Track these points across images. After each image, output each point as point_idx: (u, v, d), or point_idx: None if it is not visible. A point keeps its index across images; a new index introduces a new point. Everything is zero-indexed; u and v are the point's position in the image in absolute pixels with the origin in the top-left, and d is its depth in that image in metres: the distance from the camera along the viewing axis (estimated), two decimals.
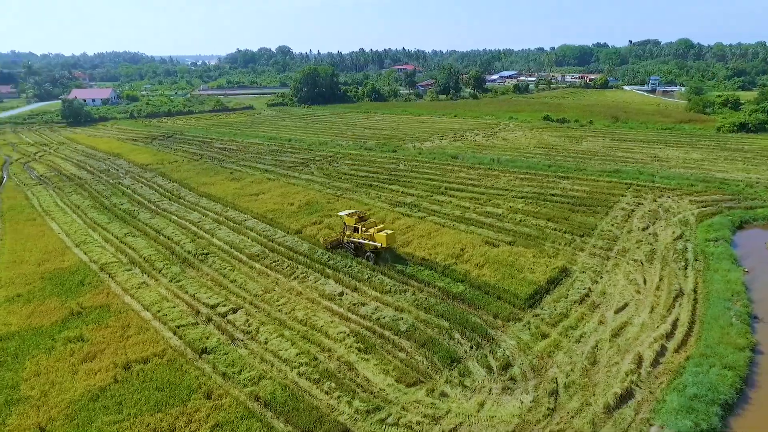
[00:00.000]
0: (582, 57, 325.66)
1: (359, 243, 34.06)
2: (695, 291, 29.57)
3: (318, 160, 67.18)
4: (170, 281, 31.42)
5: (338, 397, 20.71)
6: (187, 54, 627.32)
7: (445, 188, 51.76)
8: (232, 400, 20.03)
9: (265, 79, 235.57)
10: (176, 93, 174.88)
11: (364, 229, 33.98)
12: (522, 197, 48.10)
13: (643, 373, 22.16)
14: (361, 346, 24.07)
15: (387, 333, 25.44)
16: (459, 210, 44.49)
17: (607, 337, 24.90)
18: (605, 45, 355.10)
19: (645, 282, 30.86)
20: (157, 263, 33.96)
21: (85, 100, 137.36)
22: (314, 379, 21.74)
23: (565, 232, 38.93)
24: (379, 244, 33.22)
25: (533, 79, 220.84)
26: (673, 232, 38.76)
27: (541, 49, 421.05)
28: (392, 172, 59.01)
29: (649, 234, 38.59)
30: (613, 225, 40.48)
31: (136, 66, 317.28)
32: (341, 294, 29.57)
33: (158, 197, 50.73)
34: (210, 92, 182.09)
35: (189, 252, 35.96)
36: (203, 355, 23.61)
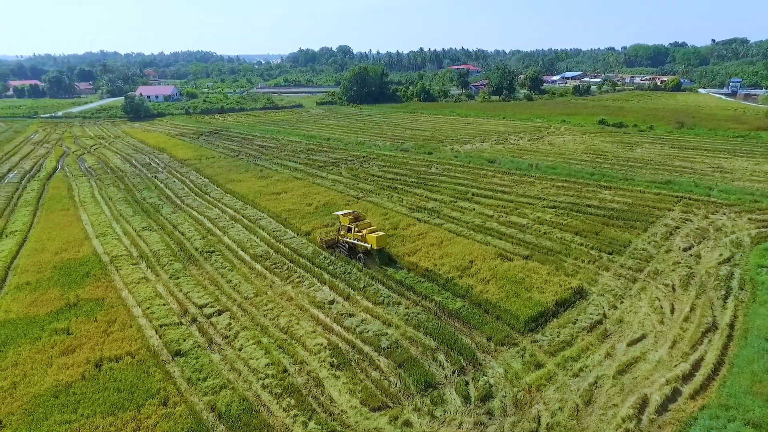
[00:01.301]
0: (656, 57, 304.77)
1: (352, 243, 33.43)
2: (731, 326, 25.63)
3: (350, 161, 66.45)
4: (170, 278, 31.59)
5: (295, 416, 19.46)
6: (254, 53, 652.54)
7: (472, 194, 49.21)
8: (187, 409, 19.33)
9: (322, 78, 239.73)
10: (234, 91, 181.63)
11: (356, 229, 33.19)
12: (553, 207, 44.68)
13: (645, 420, 19.17)
14: (335, 361, 22.70)
15: (366, 348, 23.90)
16: (480, 218, 41.95)
17: (612, 373, 21.93)
18: (683, 44, 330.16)
19: (672, 311, 27.21)
20: (163, 259, 34.37)
21: (148, 97, 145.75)
22: (276, 394, 20.64)
23: (591, 248, 35.48)
24: (369, 245, 32.35)
25: (597, 80, 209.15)
26: (720, 255, 34.26)
27: (611, 49, 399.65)
28: (421, 175, 57.09)
29: (691, 255, 34.32)
30: (650, 243, 36.46)
31: (203, 64, 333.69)
32: (332, 302, 28.34)
33: (185, 192, 52.00)
34: (266, 90, 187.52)
35: (197, 249, 36.18)
36: (176, 358, 23.20)
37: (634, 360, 22.89)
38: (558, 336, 24.75)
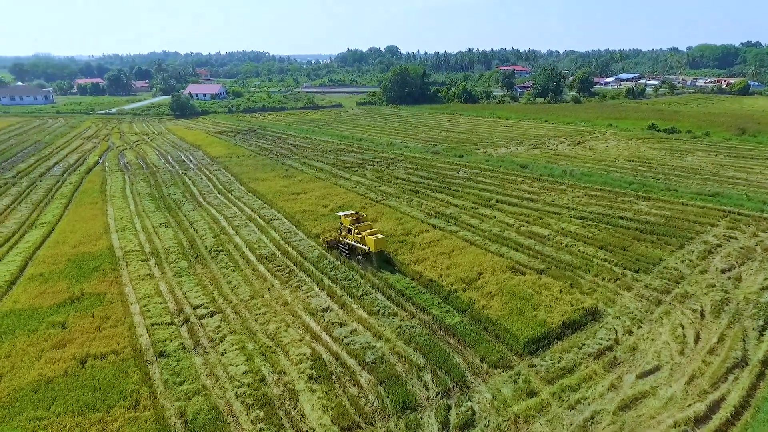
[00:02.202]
0: (724, 58, 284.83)
1: (352, 245, 33.03)
2: (765, 363, 22.62)
3: (377, 162, 65.56)
4: (173, 276, 31.81)
5: (260, 430, 18.68)
6: (305, 53, 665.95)
7: (496, 201, 47.02)
8: (154, 414, 19.00)
9: (366, 78, 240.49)
10: (279, 90, 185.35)
11: (356, 231, 32.65)
12: (581, 218, 41.86)
13: None
14: (314, 373, 21.78)
15: (350, 362, 22.84)
16: (499, 227, 39.88)
17: (613, 409, 19.74)
18: (757, 44, 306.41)
19: (697, 340, 24.43)
20: (172, 256, 34.75)
21: (196, 95, 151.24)
22: (248, 404, 19.96)
23: (615, 265, 32.75)
24: (367, 248, 31.83)
25: (655, 82, 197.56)
26: (765, 279, 30.68)
27: (674, 50, 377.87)
28: (447, 180, 55.34)
29: (729, 278, 30.94)
30: (683, 261, 33.26)
31: (255, 64, 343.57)
32: (326, 310, 27.47)
33: (209, 190, 52.87)
34: (310, 90, 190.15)
35: (206, 247, 36.37)
36: (159, 359, 23.06)
37: (642, 395, 20.55)
38: (559, 361, 22.69)
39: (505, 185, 52.92)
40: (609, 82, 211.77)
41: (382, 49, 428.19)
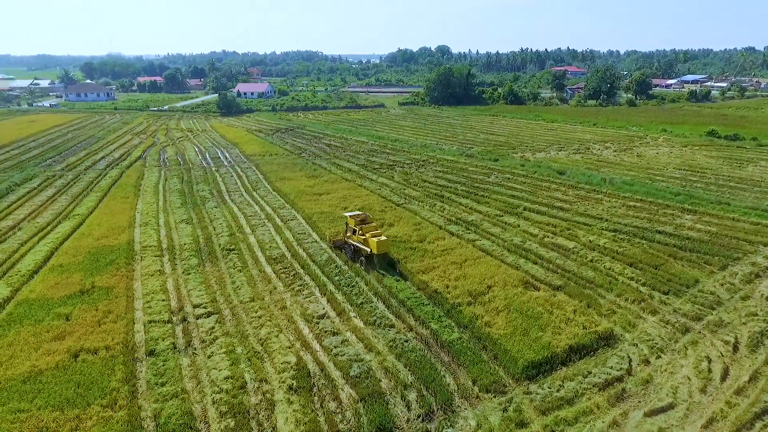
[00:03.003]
0: None
1: (357, 246, 32.71)
2: None
3: (407, 164, 64.36)
4: (182, 273, 32.16)
5: None
6: (358, 53, 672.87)
7: (524, 209, 44.72)
8: (127, 415, 18.91)
9: (414, 78, 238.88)
10: (326, 89, 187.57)
11: (360, 232, 32.21)
12: (614, 230, 38.94)
13: None
14: (296, 383, 21.06)
15: (335, 374, 21.97)
16: (521, 237, 37.75)
17: None
18: None
19: (724, 377, 21.71)
20: (185, 253, 35.24)
21: (244, 93, 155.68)
22: (222, 412, 19.52)
23: (643, 284, 30.01)
24: (369, 250, 31.43)
25: (723, 84, 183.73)
26: None
27: (750, 49, 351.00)
28: (476, 184, 53.35)
29: None
30: (723, 285, 30.02)
31: (305, 63, 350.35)
32: (322, 317, 26.75)
33: (236, 187, 53.67)
34: (356, 89, 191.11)
35: (220, 245, 36.65)
36: (148, 357, 23.15)
37: None
38: (558, 390, 20.77)
39: (536, 192, 50.32)
40: (671, 84, 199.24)
41: (432, 48, 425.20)
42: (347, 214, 35.15)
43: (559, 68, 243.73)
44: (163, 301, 28.29)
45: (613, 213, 43.48)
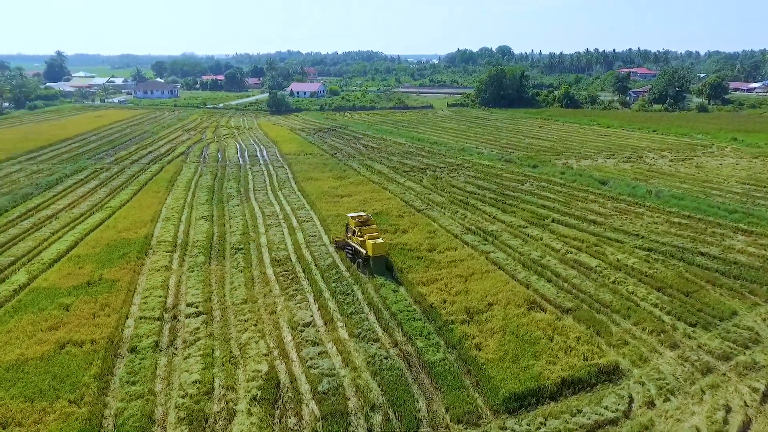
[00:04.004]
0: None
1: (355, 248, 32.44)
2: None
3: (440, 168, 62.49)
4: (187, 270, 32.57)
5: None
6: (417, 53, 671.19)
7: (552, 220, 41.86)
8: (88, 413, 19.02)
9: (470, 79, 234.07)
10: (378, 89, 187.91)
11: (359, 233, 31.78)
12: (648, 249, 35.45)
13: None
14: (261, 394, 20.39)
15: (303, 387, 21.10)
16: (541, 251, 35.19)
17: None
18: None
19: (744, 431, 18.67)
20: (195, 249, 35.76)
21: (297, 93, 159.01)
22: (180, 418, 19.21)
23: (667, 313, 26.85)
24: (364, 251, 31.48)
25: None
26: None
27: None
28: (506, 192, 50.74)
29: None
30: (765, 320, 26.25)
31: (364, 63, 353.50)
32: (308, 324, 25.99)
33: (263, 186, 54.29)
34: (409, 90, 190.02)
35: (230, 244, 36.93)
36: (129, 354, 23.37)
37: None
38: (539, 428, 18.70)
39: (570, 203, 46.99)
40: (754, 88, 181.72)
41: (493, 49, 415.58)
42: (350, 215, 34.74)
43: (626, 70, 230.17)
44: (160, 297, 28.65)
45: (652, 229, 39.65)
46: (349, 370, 22.14)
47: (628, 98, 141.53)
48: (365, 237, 31.47)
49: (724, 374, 22.02)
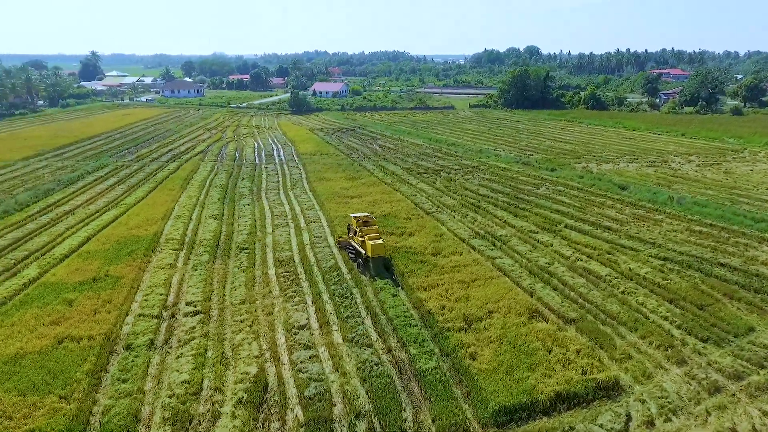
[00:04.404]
0: None
1: (356, 248, 32.54)
2: None
3: (455, 170, 61.61)
4: (191, 268, 32.84)
5: None
6: (443, 53, 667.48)
7: (565, 226, 40.65)
8: (77, 409, 19.23)
9: (496, 80, 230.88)
10: (401, 89, 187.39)
11: (360, 234, 31.85)
12: (664, 258, 33.99)
13: None
14: (247, 397, 20.25)
15: (290, 392, 20.90)
16: (549, 258, 34.16)
17: None
18: None
19: None
20: (200, 248, 36.06)
21: (319, 92, 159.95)
22: (165, 418, 19.22)
23: (678, 327, 25.60)
24: (363, 252, 31.58)
25: None
26: None
27: None
28: (520, 195, 49.59)
29: None
30: None
31: (389, 63, 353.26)
32: (302, 327, 25.79)
33: (275, 186, 54.55)
34: (432, 90, 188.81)
35: (236, 244, 37.10)
36: (124, 351, 23.61)
37: None
38: None
39: (586, 208, 45.56)
40: None
41: (521, 49, 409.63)
42: (353, 215, 34.72)
43: (658, 71, 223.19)
44: (161, 295, 28.94)
45: (670, 237, 38.02)
46: (339, 376, 21.82)
47: (657, 100, 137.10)
48: (366, 237, 31.40)
49: (734, 395, 20.77)
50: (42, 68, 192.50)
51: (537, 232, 39.33)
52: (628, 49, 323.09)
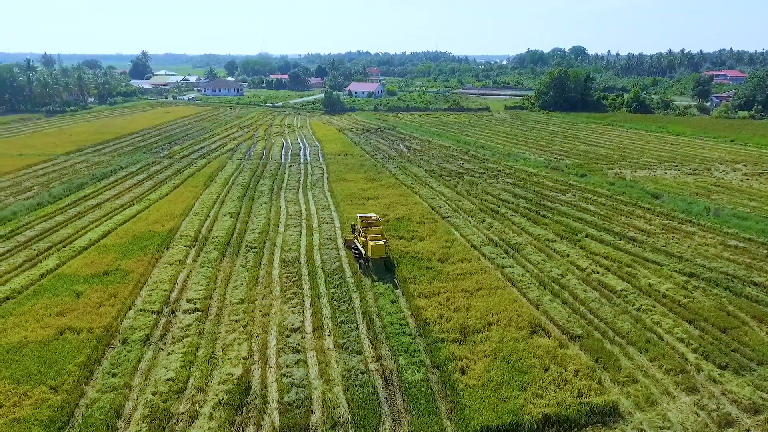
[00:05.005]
0: None
1: (359, 248, 33.23)
2: None
3: (480, 173, 60.08)
4: (199, 265, 33.30)
5: None
6: (486, 53, 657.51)
7: (585, 235, 38.75)
8: (63, 401, 19.65)
9: (536, 81, 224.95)
10: (438, 90, 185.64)
11: (363, 234, 32.11)
12: (690, 274, 31.75)
13: None
14: (227, 399, 20.12)
15: (272, 396, 20.64)
16: (563, 269, 32.58)
17: None
18: None
19: None
20: (211, 245, 36.55)
21: (355, 92, 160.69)
22: (145, 415, 19.33)
23: (694, 350, 23.71)
24: (364, 252, 31.99)
25: None
26: None
27: None
28: (543, 202, 47.71)
29: None
30: None
31: (428, 64, 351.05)
32: (296, 330, 25.53)
33: (294, 185, 54.84)
34: (470, 91, 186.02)
35: (246, 242, 37.40)
36: (119, 346, 24.07)
37: None
38: None
39: (612, 217, 43.27)
40: None
41: (566, 49, 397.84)
42: (360, 215, 34.88)
43: (713, 72, 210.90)
44: (165, 291, 29.41)
45: (700, 252, 35.49)
46: (322, 382, 21.39)
47: (708, 104, 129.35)
48: (368, 238, 31.53)
49: (747, 430, 18.89)
50: (96, 67, 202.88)
51: (555, 241, 37.62)
52: (682, 50, 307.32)
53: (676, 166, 64.46)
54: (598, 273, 32.09)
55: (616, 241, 37.48)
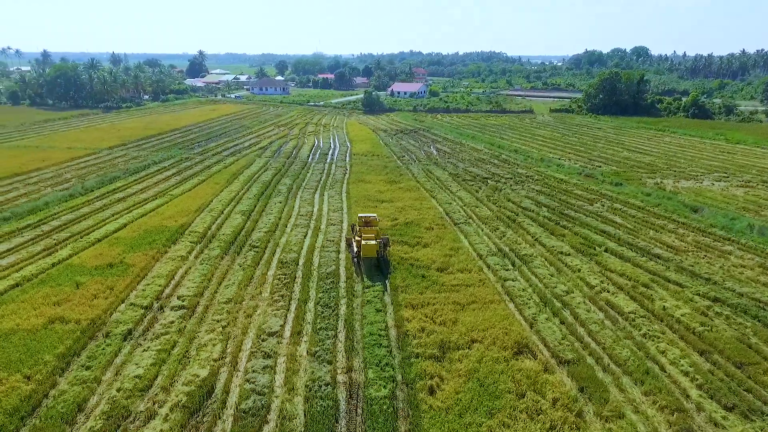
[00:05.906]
0: None
1: (354, 247, 33.46)
2: None
3: (506, 178, 57.74)
4: (199, 263, 33.72)
5: None
6: (542, 54, 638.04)
7: (605, 249, 36.12)
8: (30, 391, 20.16)
9: (591, 82, 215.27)
10: (484, 91, 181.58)
11: (359, 233, 32.29)
12: (714, 299, 28.78)
13: None
14: (186, 401, 19.97)
15: (231, 401, 20.28)
16: (571, 285, 30.45)
17: None
18: None
19: None
20: (215, 243, 36.97)
21: (397, 92, 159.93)
22: (104, 412, 19.48)
23: (699, 386, 21.33)
24: (356, 250, 32.50)
25: None
26: None
27: None
28: (566, 211, 45.03)
29: None
30: None
31: (478, 64, 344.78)
32: (274, 334, 25.10)
33: (313, 184, 54.79)
34: (517, 92, 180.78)
35: (251, 241, 37.56)
36: (103, 338, 24.60)
37: None
38: None
39: (639, 231, 40.13)
40: None
41: (627, 50, 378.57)
42: (360, 215, 34.84)
43: None
44: (159, 286, 29.90)
45: (732, 274, 32.12)
46: (284, 391, 20.82)
47: None
48: (362, 237, 31.72)
49: None
50: (156, 66, 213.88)
51: (569, 254, 35.26)
52: (759, 50, 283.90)
53: (727, 177, 59.19)
54: (608, 291, 29.66)
55: (637, 258, 34.61)
